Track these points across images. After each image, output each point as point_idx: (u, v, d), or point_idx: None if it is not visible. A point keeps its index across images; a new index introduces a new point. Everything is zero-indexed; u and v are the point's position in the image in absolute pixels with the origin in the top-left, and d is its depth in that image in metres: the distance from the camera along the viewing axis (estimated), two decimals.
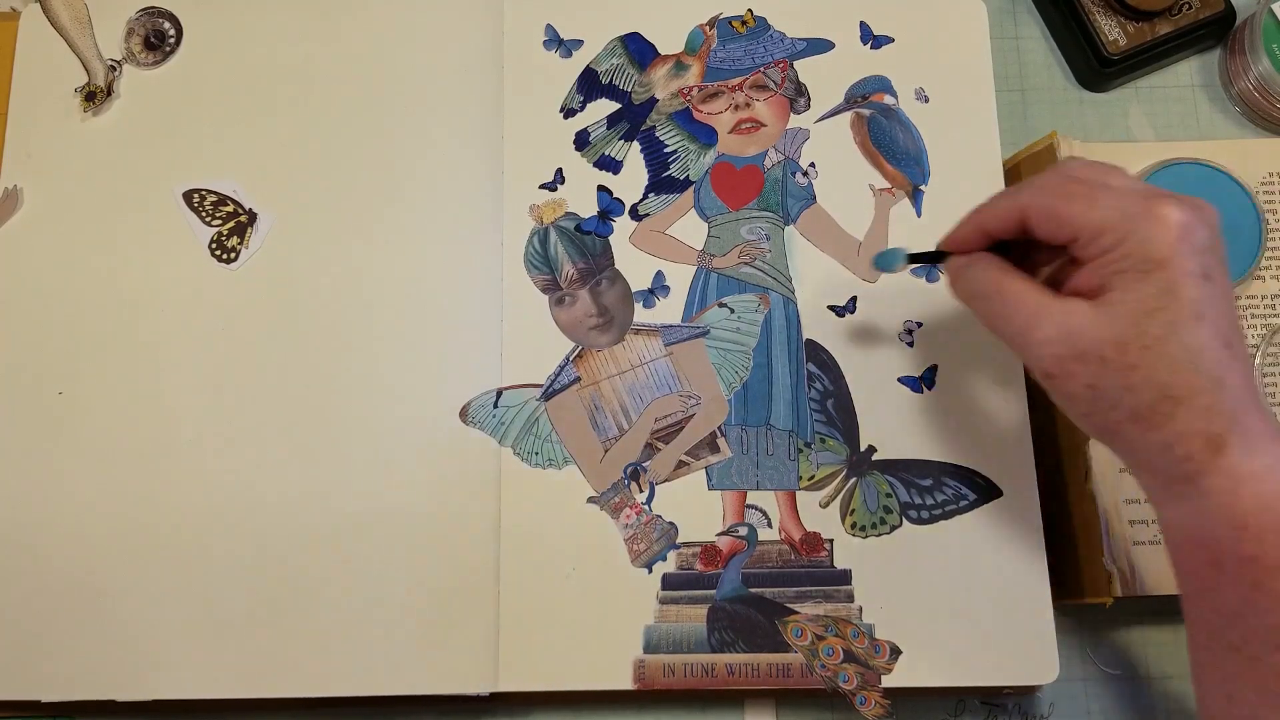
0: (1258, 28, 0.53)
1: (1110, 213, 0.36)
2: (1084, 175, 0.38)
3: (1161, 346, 0.35)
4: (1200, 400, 0.35)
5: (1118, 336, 0.35)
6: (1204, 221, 0.35)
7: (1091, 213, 0.36)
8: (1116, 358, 0.35)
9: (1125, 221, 0.35)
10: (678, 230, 0.51)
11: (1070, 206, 0.36)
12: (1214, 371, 0.34)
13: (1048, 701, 0.49)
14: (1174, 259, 0.34)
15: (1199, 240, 0.35)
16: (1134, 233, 0.35)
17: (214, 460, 0.48)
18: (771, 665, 0.45)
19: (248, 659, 0.46)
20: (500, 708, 0.48)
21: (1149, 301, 0.35)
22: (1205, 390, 0.34)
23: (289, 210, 0.51)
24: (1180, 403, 0.35)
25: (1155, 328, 0.35)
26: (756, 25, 0.53)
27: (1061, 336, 0.36)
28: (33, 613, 0.46)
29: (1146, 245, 0.35)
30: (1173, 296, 0.34)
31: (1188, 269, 0.34)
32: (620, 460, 0.48)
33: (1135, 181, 0.38)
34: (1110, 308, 0.35)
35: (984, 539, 0.47)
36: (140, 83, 0.53)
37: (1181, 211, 0.35)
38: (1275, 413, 0.49)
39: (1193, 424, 0.35)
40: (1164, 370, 0.35)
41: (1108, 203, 0.36)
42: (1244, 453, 0.35)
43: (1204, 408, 0.35)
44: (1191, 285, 0.34)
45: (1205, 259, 0.35)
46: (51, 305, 0.50)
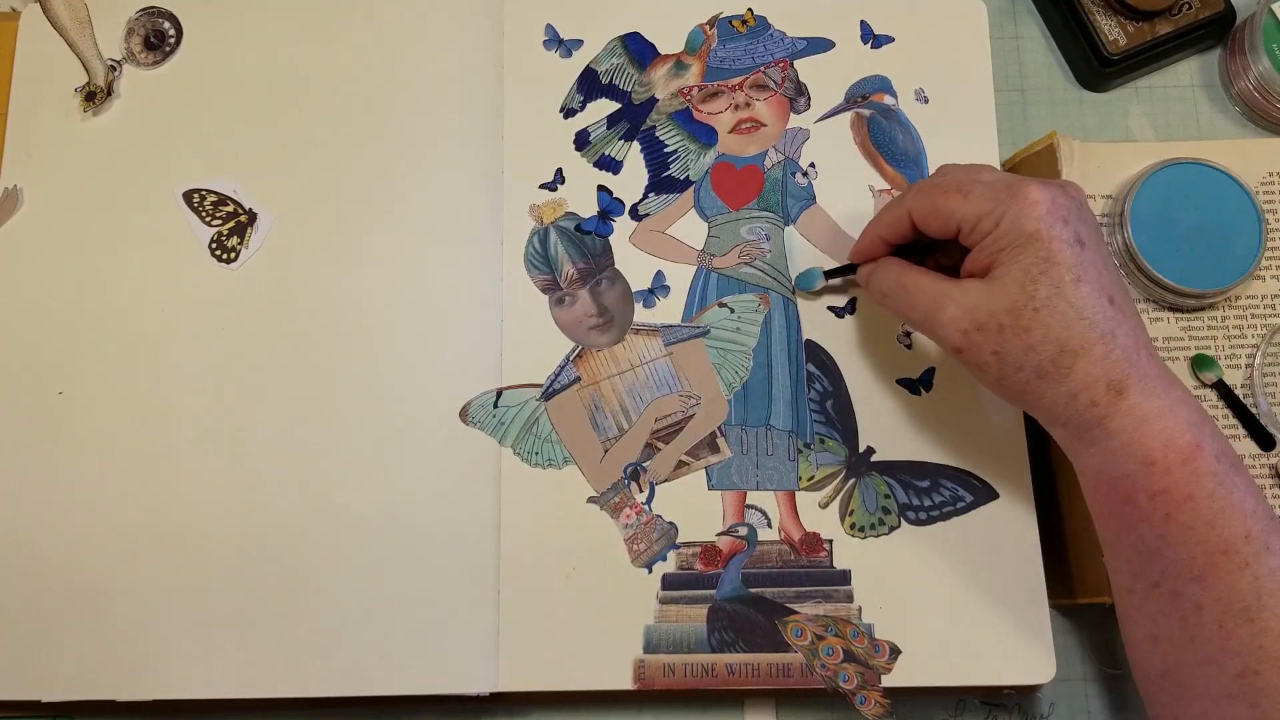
0: (1258, 28, 0.53)
1: (983, 201, 0.40)
2: (957, 175, 0.42)
3: (1050, 306, 0.38)
4: (1096, 350, 0.38)
5: (1010, 304, 0.39)
6: (1068, 196, 0.40)
7: (967, 205, 0.40)
8: (1012, 323, 0.39)
9: (997, 206, 0.39)
10: (678, 230, 0.51)
11: (948, 202, 0.41)
12: (1103, 325, 0.38)
13: (1048, 701, 0.49)
14: (1044, 229, 0.38)
15: (1065, 211, 0.39)
16: (1006, 213, 0.39)
17: (214, 460, 0.48)
18: (771, 665, 0.45)
19: (248, 659, 0.46)
20: (500, 708, 0.48)
21: (1031, 269, 0.39)
22: (1099, 341, 0.38)
23: (289, 210, 0.51)
24: (1078, 355, 0.38)
25: (1041, 291, 0.38)
26: (756, 25, 0.53)
27: (962, 313, 0.40)
28: (33, 613, 0.47)
29: (1019, 221, 0.39)
30: (1050, 262, 0.38)
31: (1059, 236, 0.38)
32: (620, 460, 0.48)
33: (1003, 174, 0.42)
34: (999, 281, 0.39)
35: (981, 540, 0.47)
36: (140, 83, 0.53)
37: (1045, 190, 0.39)
38: (1265, 404, 0.49)
39: (1092, 372, 0.38)
40: (1057, 327, 0.38)
41: (979, 193, 0.40)
42: (1143, 394, 0.38)
43: (1100, 357, 0.38)
44: (1066, 250, 0.38)
45: (1075, 227, 0.39)
46: (51, 305, 0.50)
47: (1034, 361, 0.39)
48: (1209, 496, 0.38)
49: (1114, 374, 0.38)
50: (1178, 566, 0.38)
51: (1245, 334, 0.49)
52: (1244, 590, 0.37)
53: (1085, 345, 0.38)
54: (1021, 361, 0.39)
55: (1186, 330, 0.49)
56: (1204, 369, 0.49)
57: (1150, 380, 0.38)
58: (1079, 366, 0.38)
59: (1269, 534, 0.37)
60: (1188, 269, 0.48)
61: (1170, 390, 0.39)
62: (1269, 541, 0.37)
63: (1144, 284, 0.49)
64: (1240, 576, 0.37)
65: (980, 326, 0.40)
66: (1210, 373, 0.49)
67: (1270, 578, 0.37)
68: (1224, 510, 0.37)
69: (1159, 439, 0.38)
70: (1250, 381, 0.49)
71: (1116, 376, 0.38)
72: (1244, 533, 0.37)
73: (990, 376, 0.41)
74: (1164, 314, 0.50)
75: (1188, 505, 0.38)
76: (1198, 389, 0.49)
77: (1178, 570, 0.38)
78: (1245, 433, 0.48)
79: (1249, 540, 0.37)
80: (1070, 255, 0.38)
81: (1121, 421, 0.38)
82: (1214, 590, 0.38)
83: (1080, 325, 0.38)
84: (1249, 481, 0.38)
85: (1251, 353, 0.49)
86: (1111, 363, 0.38)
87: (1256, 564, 0.37)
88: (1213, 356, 0.49)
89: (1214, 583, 0.38)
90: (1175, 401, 0.38)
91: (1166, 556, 0.39)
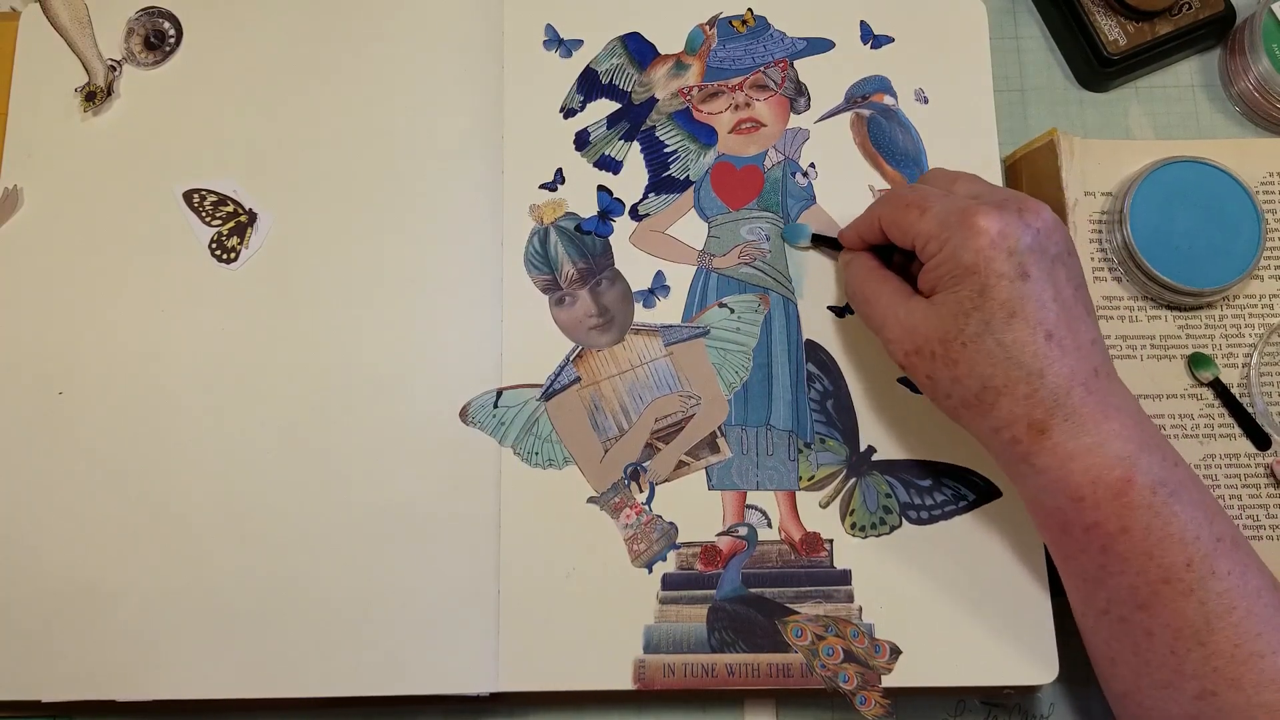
0: (1258, 28, 0.53)
1: (933, 223, 0.39)
2: (928, 185, 0.42)
3: (978, 343, 0.38)
4: (1019, 390, 0.38)
5: (943, 334, 0.39)
6: (1023, 223, 0.38)
7: (920, 222, 0.40)
8: (943, 353, 0.39)
9: (944, 230, 0.39)
10: (678, 230, 0.51)
11: (906, 216, 0.41)
12: (1032, 364, 0.38)
13: (1048, 701, 0.49)
14: (983, 264, 0.38)
15: (1013, 242, 0.38)
16: (950, 240, 0.39)
17: (213, 460, 0.48)
18: (771, 665, 0.45)
19: (248, 659, 0.46)
20: (500, 708, 0.48)
21: (965, 302, 0.38)
22: (1023, 381, 0.38)
23: (289, 210, 0.51)
24: (1000, 393, 0.38)
25: (971, 326, 0.38)
26: (756, 25, 0.53)
27: (904, 334, 0.41)
28: (33, 613, 0.46)
29: (960, 252, 0.38)
30: (984, 297, 0.38)
31: (997, 270, 0.38)
32: (620, 460, 0.48)
33: (976, 187, 0.42)
34: (937, 307, 0.39)
35: (983, 539, 0.47)
36: (140, 83, 0.53)
37: (996, 219, 0.38)
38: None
39: (1014, 411, 0.38)
40: (982, 364, 0.38)
41: (933, 214, 0.40)
42: (1068, 435, 0.38)
43: (1023, 396, 0.38)
44: (1003, 287, 0.38)
45: (1022, 259, 0.38)
46: (51, 305, 0.50)
47: (959, 393, 0.39)
48: (1144, 529, 0.37)
49: (1035, 414, 0.38)
50: (1122, 594, 0.38)
51: (1243, 333, 0.49)
52: (1191, 616, 0.37)
53: (1008, 385, 0.38)
54: (949, 390, 0.40)
55: (1184, 329, 0.49)
56: (1201, 367, 0.49)
57: (1080, 417, 0.38)
58: (1001, 404, 0.38)
59: (1214, 558, 0.37)
60: (1186, 267, 0.48)
61: (1103, 424, 0.38)
62: (1214, 566, 0.37)
63: (1142, 282, 0.49)
64: (1186, 603, 0.37)
65: (917, 350, 0.40)
66: (1207, 371, 0.49)
67: (1218, 601, 0.37)
68: (1161, 541, 0.37)
69: (1085, 476, 0.38)
70: (1247, 380, 0.49)
71: (1038, 416, 0.38)
72: (1185, 561, 0.37)
73: (928, 396, 0.42)
74: (1162, 312, 0.50)
75: (1122, 538, 0.38)
76: (1194, 387, 0.49)
77: (1122, 598, 0.39)
78: (1241, 432, 0.48)
79: (1191, 568, 0.37)
80: (1006, 291, 0.37)
81: (1046, 459, 0.38)
82: (1161, 617, 0.38)
83: (1005, 365, 0.38)
84: (1192, 507, 0.38)
85: (1249, 352, 0.49)
86: (1035, 402, 0.38)
87: (1202, 590, 0.37)
88: (1210, 355, 0.49)
89: (1160, 610, 0.38)
90: (1107, 436, 0.38)
91: (1109, 585, 0.39)
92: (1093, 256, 0.50)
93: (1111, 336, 0.49)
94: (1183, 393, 0.49)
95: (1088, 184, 0.51)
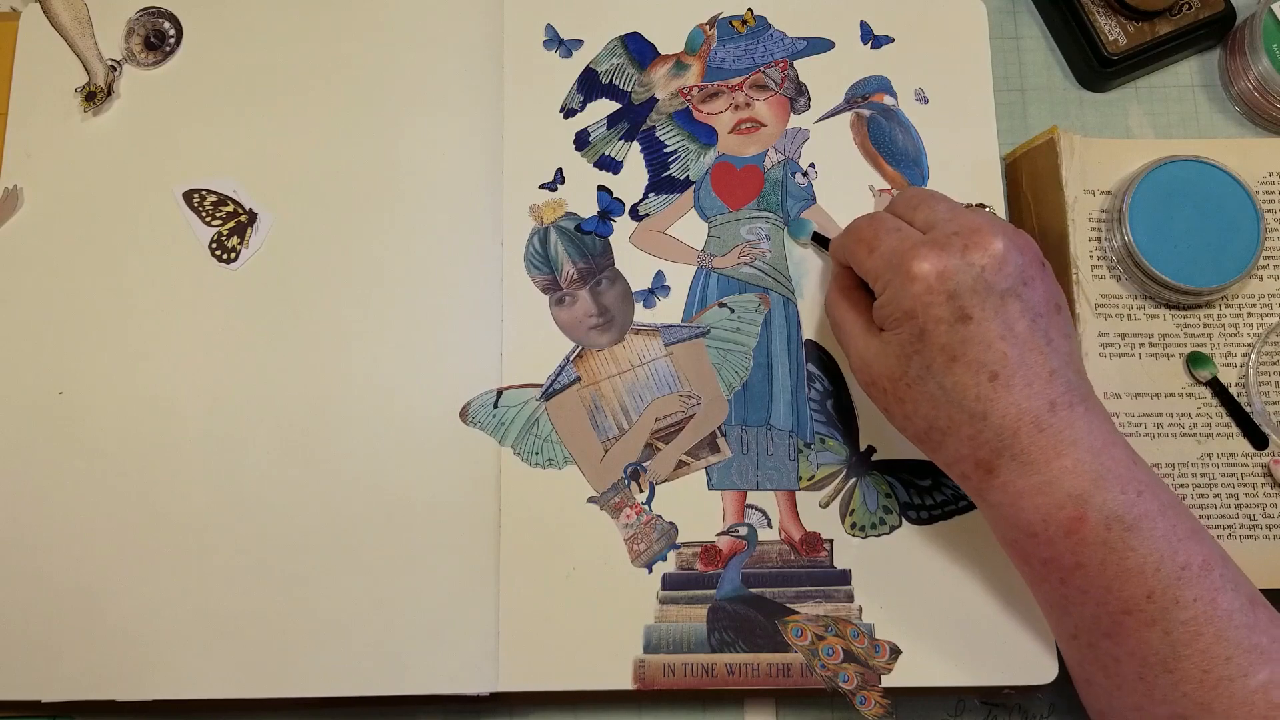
0: (1258, 28, 0.53)
1: (879, 264, 0.39)
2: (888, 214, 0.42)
3: (920, 386, 0.38)
4: (963, 431, 0.38)
5: (889, 372, 0.39)
6: (966, 263, 0.37)
7: (868, 261, 0.40)
8: (891, 390, 0.40)
9: (886, 272, 0.39)
10: (678, 230, 0.51)
11: (858, 252, 0.41)
12: (974, 407, 0.37)
13: (1048, 701, 0.49)
14: (921, 310, 0.37)
15: (953, 286, 0.37)
16: (890, 284, 0.39)
17: (214, 460, 0.48)
18: (771, 665, 0.45)
19: (248, 659, 0.46)
20: (500, 708, 0.48)
21: (907, 346, 0.38)
22: (966, 423, 0.38)
23: (289, 210, 0.51)
24: (946, 433, 0.38)
25: (914, 369, 0.38)
26: (756, 25, 0.53)
27: (861, 366, 0.41)
28: (33, 613, 0.47)
29: (899, 296, 0.38)
30: (924, 342, 0.38)
31: (935, 316, 0.37)
32: (620, 460, 0.48)
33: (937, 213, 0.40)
34: (886, 346, 0.39)
35: (983, 539, 0.47)
36: (140, 83, 0.53)
37: (935, 260, 0.37)
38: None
39: (960, 450, 0.39)
40: (925, 405, 0.38)
41: (880, 251, 0.39)
42: (1016, 473, 0.38)
43: (968, 438, 0.38)
44: (940, 331, 0.37)
45: (963, 301, 0.37)
46: (51, 305, 0.50)
47: (912, 429, 0.40)
48: (1099, 564, 0.37)
49: (981, 454, 0.38)
50: (1086, 623, 0.39)
51: (1241, 332, 0.49)
52: (1157, 645, 0.37)
53: (952, 426, 0.38)
54: (903, 425, 0.40)
55: (1182, 327, 0.50)
56: (1199, 366, 0.49)
57: (1029, 456, 0.37)
58: (947, 444, 0.39)
59: (1179, 587, 0.37)
60: (1185, 266, 0.48)
61: (1053, 462, 0.37)
62: (1177, 595, 0.37)
63: (1141, 280, 0.49)
64: (1150, 632, 0.37)
65: (872, 383, 0.41)
66: (1205, 370, 0.49)
67: (1183, 629, 0.36)
68: (1119, 575, 0.37)
69: (1036, 514, 0.38)
70: (1245, 380, 0.49)
71: (984, 456, 0.38)
72: (1145, 593, 0.37)
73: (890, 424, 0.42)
74: (1161, 310, 0.50)
75: (1078, 573, 0.38)
76: (1192, 386, 0.49)
77: (1088, 626, 0.39)
78: (1239, 431, 0.48)
79: (1152, 599, 0.37)
80: (945, 335, 0.37)
81: (997, 496, 0.38)
82: (1126, 645, 0.37)
83: (947, 407, 0.38)
84: (1152, 539, 0.37)
85: (1247, 351, 0.49)
86: (979, 443, 0.38)
87: (1165, 619, 0.37)
88: (1208, 354, 0.49)
89: (1124, 639, 0.37)
90: (1057, 474, 0.37)
91: (1073, 615, 0.39)
92: (1092, 255, 0.50)
93: (1110, 335, 0.49)
94: (1181, 391, 0.49)
95: (1087, 182, 0.51)
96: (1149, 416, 0.49)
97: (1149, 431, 0.49)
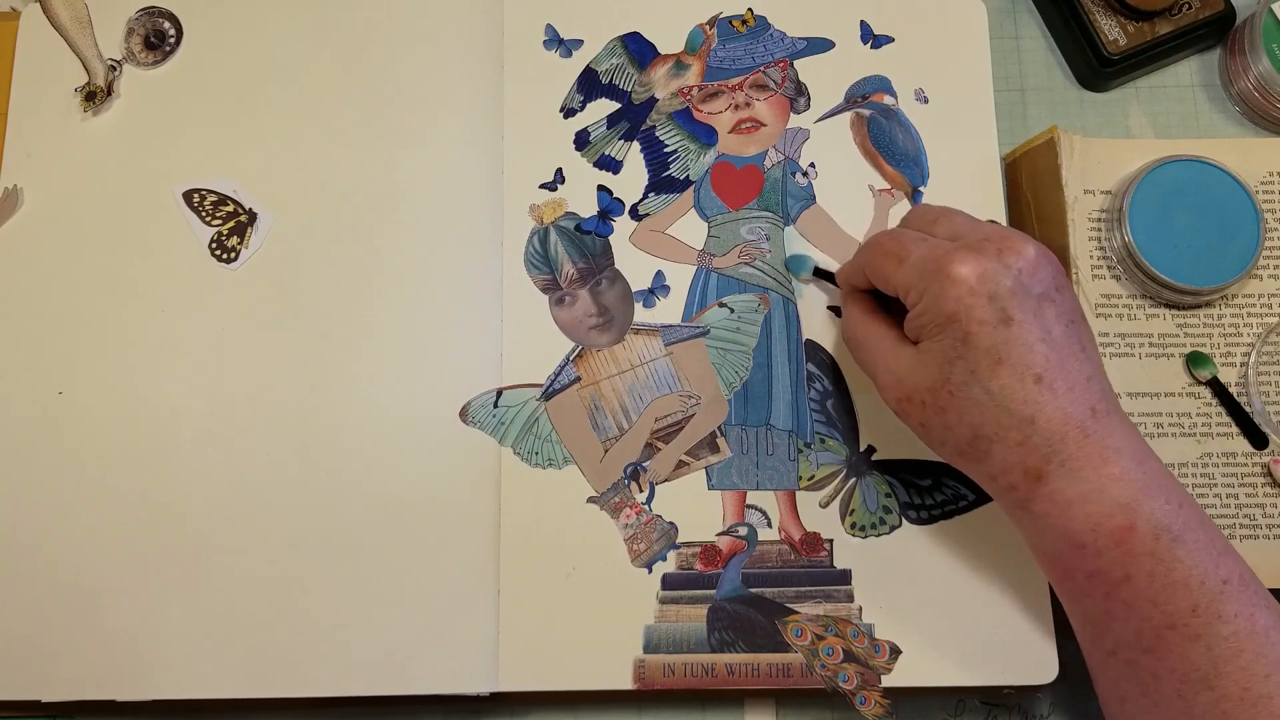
0: (1258, 28, 0.53)
1: (912, 273, 0.39)
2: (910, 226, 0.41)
3: (965, 392, 0.37)
4: (1011, 437, 0.37)
5: (930, 382, 0.38)
6: (1003, 265, 0.37)
7: (899, 273, 0.39)
8: (932, 401, 0.38)
9: (922, 280, 0.38)
10: (678, 230, 0.51)
11: (885, 265, 0.40)
12: (1022, 411, 0.37)
13: (1048, 701, 0.49)
14: (963, 312, 0.37)
15: (993, 287, 0.37)
16: (928, 290, 0.38)
17: (214, 460, 0.48)
18: (771, 665, 0.45)
19: (248, 659, 0.46)
20: (500, 708, 0.48)
21: (949, 351, 0.37)
22: (1015, 428, 0.37)
23: (289, 210, 0.51)
24: (993, 441, 0.37)
25: (957, 375, 0.37)
26: (756, 25, 0.53)
27: (894, 382, 0.40)
28: (33, 613, 0.46)
29: (939, 302, 0.37)
30: (968, 346, 0.37)
31: (978, 318, 0.37)
32: (620, 460, 0.48)
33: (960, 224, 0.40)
34: (924, 355, 0.39)
35: (983, 539, 0.47)
36: (140, 83, 0.53)
37: (973, 264, 0.37)
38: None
39: (1008, 458, 0.37)
40: (971, 412, 0.37)
41: (911, 263, 0.39)
42: (1065, 481, 0.37)
43: (1016, 444, 0.37)
44: (986, 333, 0.37)
45: (1004, 303, 0.37)
46: (51, 305, 0.50)
47: (953, 440, 0.39)
48: (1147, 576, 0.36)
49: (1030, 461, 0.37)
50: (1128, 638, 0.38)
51: (1241, 332, 0.49)
52: (1198, 661, 0.36)
53: (999, 432, 0.37)
54: (943, 438, 0.39)
55: (1182, 327, 0.50)
56: (1199, 366, 0.49)
57: (1077, 462, 0.37)
58: (994, 452, 0.37)
59: (1221, 602, 0.36)
60: (1185, 266, 0.49)
61: (1102, 469, 0.37)
62: (1220, 610, 0.36)
63: (1141, 280, 0.49)
64: (1192, 648, 0.36)
65: (908, 398, 0.39)
66: (1205, 370, 0.49)
67: (1225, 645, 0.36)
68: (1166, 588, 0.36)
69: (1085, 524, 0.37)
70: (1245, 380, 0.49)
71: (1033, 464, 0.37)
72: (1190, 607, 0.36)
73: (924, 442, 0.40)
74: (1160, 310, 0.50)
75: (1125, 585, 0.37)
76: (1192, 386, 0.49)
77: (1128, 641, 0.38)
78: (1239, 431, 0.48)
79: (1196, 613, 0.36)
80: (989, 337, 0.36)
81: (1044, 506, 0.37)
82: (1168, 661, 0.37)
83: (994, 412, 0.37)
84: (1197, 551, 0.37)
85: (1247, 351, 0.49)
86: (1028, 449, 0.37)
87: (1208, 634, 0.36)
88: (1208, 354, 0.49)
89: (1166, 655, 0.37)
90: (1107, 481, 0.36)
91: (1115, 630, 0.38)
92: (1091, 255, 0.50)
93: (1110, 334, 0.49)
94: (1180, 391, 0.49)
95: (1087, 182, 0.51)
96: (1149, 416, 0.49)
97: (1149, 431, 0.49)
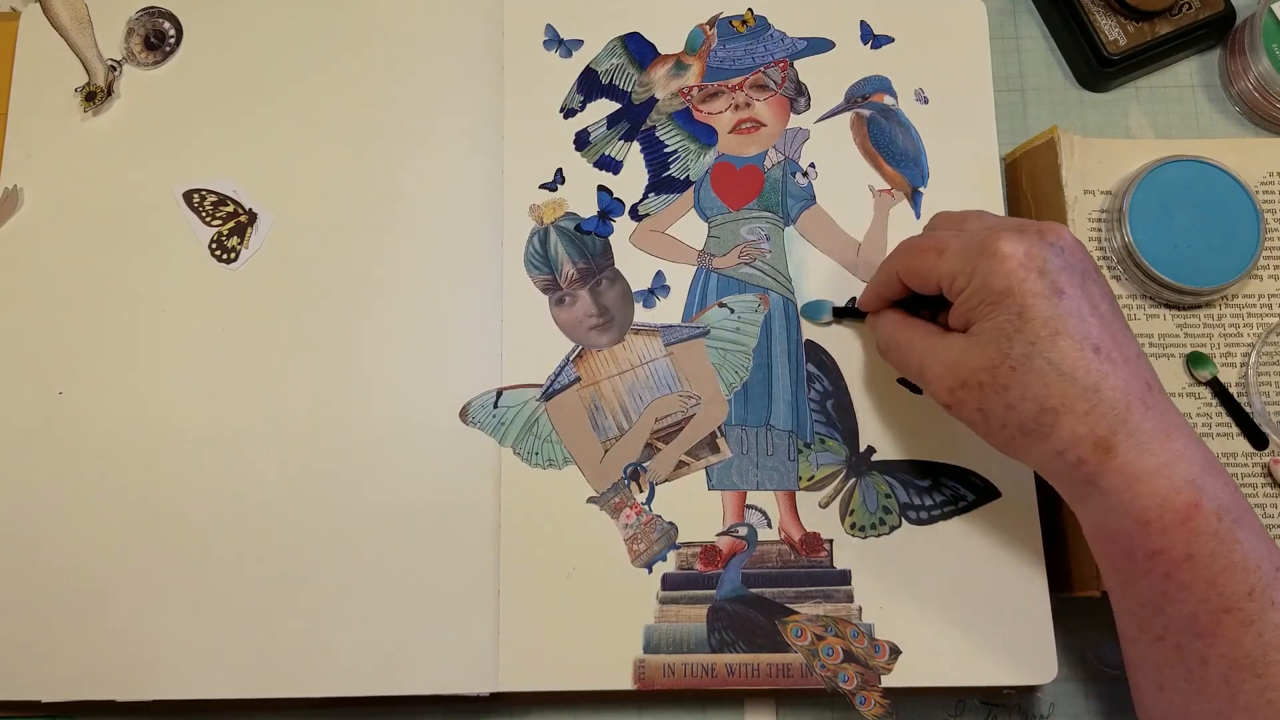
0: (1258, 28, 0.53)
1: (955, 260, 0.39)
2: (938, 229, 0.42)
3: (1027, 364, 0.37)
4: (1079, 407, 0.37)
5: (987, 362, 0.38)
6: (1046, 244, 0.38)
7: (941, 264, 0.40)
8: (991, 381, 0.38)
9: (969, 264, 0.39)
10: (678, 230, 0.51)
11: (924, 262, 0.41)
12: (1086, 379, 0.37)
13: (1048, 701, 0.49)
14: (1015, 285, 0.37)
15: (1040, 262, 0.37)
16: (977, 271, 0.38)
17: (214, 460, 0.48)
18: (771, 665, 0.45)
19: (248, 659, 0.46)
20: (500, 708, 0.48)
21: (1005, 327, 0.38)
22: (1081, 397, 0.37)
23: (289, 210, 0.51)
24: (1060, 413, 0.37)
25: (1017, 348, 0.37)
26: (756, 25, 0.53)
27: (946, 370, 0.40)
28: (33, 613, 0.46)
29: (990, 279, 0.38)
30: (1024, 318, 0.37)
31: (1032, 290, 0.37)
32: (620, 460, 0.48)
33: (989, 219, 0.42)
34: (977, 338, 0.39)
35: (982, 539, 0.47)
36: (140, 83, 0.53)
37: (1018, 242, 0.38)
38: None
39: (1077, 430, 0.37)
40: (1035, 385, 0.37)
41: (953, 251, 0.40)
42: (1135, 452, 0.37)
43: (1084, 413, 0.37)
44: (1041, 304, 0.37)
45: (1054, 277, 0.37)
46: (51, 305, 0.50)
47: (1016, 420, 0.38)
48: (1209, 556, 0.36)
49: (1100, 430, 0.37)
50: (1180, 621, 0.38)
51: (1241, 332, 0.49)
52: (1249, 647, 0.36)
53: (1066, 402, 0.37)
54: (1005, 419, 0.38)
55: (1182, 327, 0.50)
56: (1199, 366, 0.49)
57: (1144, 435, 0.37)
58: (1062, 424, 0.37)
59: (1274, 588, 0.36)
60: (1185, 266, 0.49)
61: (1168, 444, 0.37)
62: (1274, 597, 0.36)
63: (1141, 280, 0.49)
64: (1245, 633, 0.36)
65: (964, 384, 0.39)
66: (1205, 370, 0.49)
67: (1276, 633, 0.36)
68: (1225, 569, 0.36)
69: (1153, 499, 0.36)
70: (1245, 380, 0.49)
71: (1103, 433, 0.37)
72: (1247, 590, 0.36)
73: (979, 432, 0.40)
74: (1160, 310, 0.50)
75: (1186, 565, 0.37)
76: (1192, 386, 0.49)
77: (1181, 625, 0.38)
78: (1239, 431, 0.48)
79: (1252, 597, 0.36)
80: (1045, 308, 0.37)
81: (1112, 480, 0.37)
82: (1219, 647, 0.37)
83: (1060, 383, 0.37)
84: (1254, 534, 0.37)
85: (1247, 351, 0.49)
86: (1096, 418, 0.37)
87: (1261, 620, 0.36)
88: (1208, 354, 0.49)
89: (1218, 639, 0.37)
90: (1173, 457, 0.37)
91: (1169, 612, 0.38)
92: (1092, 255, 0.50)
93: None
94: (1181, 392, 0.49)
95: (1087, 182, 0.51)
96: None
97: None
